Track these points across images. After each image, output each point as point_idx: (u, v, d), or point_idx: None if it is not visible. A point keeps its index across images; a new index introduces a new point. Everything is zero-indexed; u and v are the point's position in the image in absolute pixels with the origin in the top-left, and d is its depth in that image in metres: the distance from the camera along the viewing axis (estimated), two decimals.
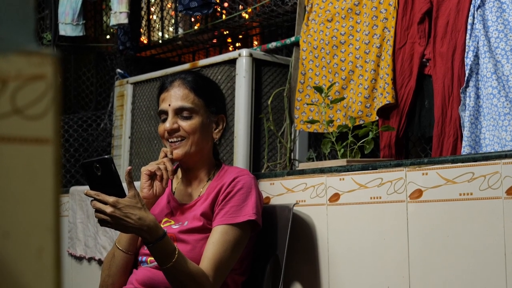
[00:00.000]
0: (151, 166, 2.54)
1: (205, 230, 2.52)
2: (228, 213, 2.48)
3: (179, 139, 2.59)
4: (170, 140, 2.60)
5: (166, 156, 2.57)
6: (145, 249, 2.55)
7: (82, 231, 3.94)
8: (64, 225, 4.05)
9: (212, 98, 2.68)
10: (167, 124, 2.58)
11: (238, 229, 2.48)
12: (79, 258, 3.98)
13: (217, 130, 2.68)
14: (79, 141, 5.00)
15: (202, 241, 2.50)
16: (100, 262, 3.82)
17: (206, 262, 2.40)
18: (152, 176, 2.54)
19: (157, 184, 2.53)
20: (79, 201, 3.95)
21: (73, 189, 4.05)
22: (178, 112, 2.59)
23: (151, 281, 2.48)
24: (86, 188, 3.92)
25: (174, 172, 2.59)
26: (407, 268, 2.43)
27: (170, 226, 2.56)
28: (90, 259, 3.92)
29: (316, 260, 2.71)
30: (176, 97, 2.60)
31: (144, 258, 2.56)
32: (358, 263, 2.59)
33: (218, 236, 2.44)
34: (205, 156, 2.66)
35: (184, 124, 2.59)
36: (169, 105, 2.60)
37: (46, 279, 0.75)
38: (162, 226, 2.56)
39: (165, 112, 2.62)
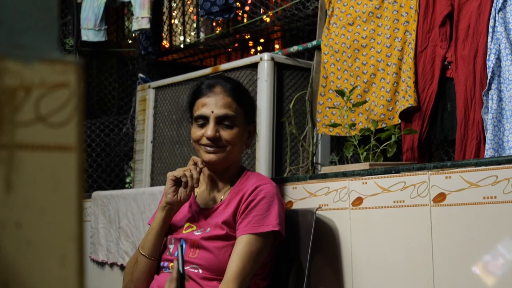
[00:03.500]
0: (178, 172, 2.53)
1: (228, 238, 2.51)
2: (252, 222, 2.47)
3: (215, 145, 2.56)
4: (205, 145, 2.57)
5: (194, 164, 2.56)
6: (167, 255, 2.56)
7: (104, 236, 3.95)
8: (86, 231, 4.06)
9: (250, 107, 2.67)
10: (209, 132, 2.54)
11: (262, 239, 2.47)
12: (101, 264, 3.99)
13: (249, 138, 2.68)
14: (101, 146, 5.02)
15: (225, 249, 2.50)
16: (122, 267, 3.83)
17: (231, 274, 2.40)
18: (177, 182, 2.54)
19: (181, 190, 2.53)
20: (101, 206, 3.96)
21: (95, 194, 4.06)
22: (220, 120, 2.56)
23: None
24: (108, 193, 3.94)
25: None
26: (431, 272, 2.41)
27: (193, 232, 2.56)
28: (112, 264, 3.93)
29: (339, 265, 2.70)
30: (219, 104, 2.56)
31: (166, 264, 2.56)
32: (381, 268, 2.58)
33: (243, 247, 2.43)
34: (233, 163, 2.65)
35: (225, 134, 2.56)
36: (212, 112, 2.56)
37: (70, 286, 0.75)
38: (184, 232, 2.56)
39: (205, 118, 2.57)
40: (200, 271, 2.49)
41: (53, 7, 0.78)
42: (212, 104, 2.56)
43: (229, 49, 5.31)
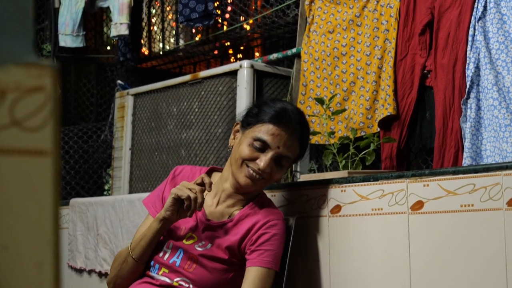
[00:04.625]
0: (182, 192, 2.37)
1: (229, 263, 2.48)
2: (264, 255, 2.43)
3: (260, 177, 2.49)
4: (252, 170, 2.48)
5: (202, 183, 2.43)
6: (161, 257, 2.52)
7: (82, 243, 3.92)
8: (64, 238, 4.03)
9: (304, 152, 2.63)
10: (263, 164, 2.45)
11: (272, 276, 2.45)
12: (80, 271, 3.96)
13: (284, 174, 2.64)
14: (79, 152, 4.99)
15: (223, 272, 2.48)
16: (100, 274, 3.81)
17: None
18: (179, 201, 2.40)
19: (182, 211, 2.42)
20: (79, 213, 3.94)
21: (73, 201, 4.04)
22: (279, 158, 2.49)
23: None
24: (86, 200, 3.92)
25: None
26: (408, 279, 2.42)
27: (194, 245, 2.50)
28: (90, 271, 3.90)
29: (317, 272, 2.70)
30: (287, 145, 2.48)
31: (157, 266, 2.52)
32: (359, 275, 2.58)
33: (258, 283, 2.40)
34: None
35: (275, 172, 2.50)
36: (278, 148, 2.47)
37: None
38: (185, 242, 2.52)
39: (266, 146, 2.46)
40: (191, 286, 2.46)
41: (28, 9, 0.78)
42: (282, 141, 2.47)
43: (209, 57, 5.30)
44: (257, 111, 2.54)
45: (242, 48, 5.14)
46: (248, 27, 4.57)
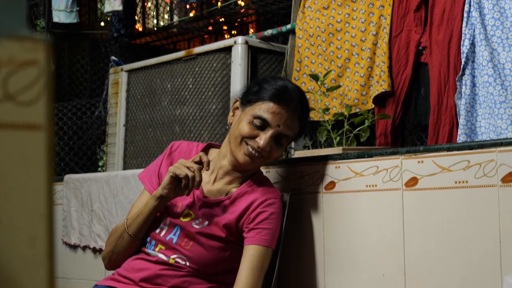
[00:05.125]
0: (180, 170, 2.35)
1: (227, 241, 2.48)
2: (262, 234, 2.43)
3: (259, 155, 2.47)
4: (251, 147, 2.46)
5: (200, 161, 2.41)
6: (157, 234, 2.51)
7: (76, 219, 3.93)
8: (59, 214, 4.04)
9: (304, 132, 2.62)
10: (262, 142, 2.43)
11: (270, 254, 2.45)
12: (74, 247, 3.97)
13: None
14: (74, 129, 4.98)
15: (220, 249, 2.48)
16: (94, 250, 3.82)
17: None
18: (177, 179, 2.39)
19: (179, 189, 2.40)
20: (74, 190, 3.94)
21: (68, 177, 4.04)
22: (279, 136, 2.48)
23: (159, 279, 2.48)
24: (80, 176, 3.91)
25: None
26: (402, 255, 2.43)
27: (191, 223, 2.50)
28: (84, 248, 3.91)
29: (311, 248, 2.71)
30: (288, 123, 2.46)
31: (153, 242, 2.51)
32: (353, 251, 2.58)
33: (256, 261, 2.40)
34: None
35: (275, 150, 2.49)
36: (278, 126, 2.45)
37: (39, 266, 0.74)
38: (182, 219, 2.51)
39: (266, 124, 2.45)
40: (188, 263, 2.47)
41: None
42: (282, 119, 2.45)
43: (203, 33, 5.28)
44: (257, 89, 2.51)
45: (236, 24, 5.12)
46: (242, 3, 4.55)
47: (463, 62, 2.98)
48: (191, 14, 4.94)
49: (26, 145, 0.74)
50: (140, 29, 5.37)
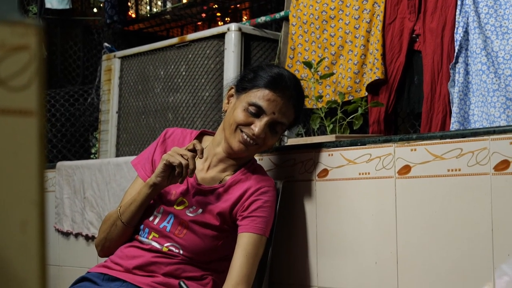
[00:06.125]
0: (173, 158, 2.35)
1: (220, 230, 2.48)
2: (256, 222, 2.43)
3: (254, 142, 2.47)
4: (246, 135, 2.45)
5: (194, 149, 2.40)
6: (151, 221, 2.51)
7: (69, 206, 3.92)
8: (51, 201, 4.03)
9: (298, 120, 2.62)
10: (257, 130, 2.43)
11: (264, 242, 2.46)
12: (66, 234, 3.97)
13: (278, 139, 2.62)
14: (66, 115, 4.97)
15: (214, 238, 2.47)
16: (87, 237, 3.81)
17: (242, 276, 2.37)
18: (171, 167, 2.38)
19: (173, 177, 2.40)
20: (66, 177, 3.93)
21: (60, 164, 4.03)
22: (274, 124, 2.47)
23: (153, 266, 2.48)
24: (73, 163, 3.91)
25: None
26: (394, 243, 2.43)
27: (185, 211, 2.50)
28: (77, 235, 3.90)
29: (304, 236, 2.71)
30: (283, 111, 2.46)
31: (146, 230, 2.51)
32: (346, 238, 2.59)
33: (251, 249, 2.40)
34: None
35: (270, 138, 2.49)
36: (273, 113, 2.44)
37: (30, 252, 0.74)
38: (176, 207, 2.51)
39: (261, 112, 2.44)
40: (181, 251, 2.46)
41: None
42: (277, 106, 2.45)
43: (196, 20, 5.26)
44: (252, 76, 2.51)
45: (230, 11, 5.10)
46: None
47: (456, 50, 2.98)
48: (185, 1, 4.92)
49: (17, 131, 0.74)
50: (133, 15, 5.35)
